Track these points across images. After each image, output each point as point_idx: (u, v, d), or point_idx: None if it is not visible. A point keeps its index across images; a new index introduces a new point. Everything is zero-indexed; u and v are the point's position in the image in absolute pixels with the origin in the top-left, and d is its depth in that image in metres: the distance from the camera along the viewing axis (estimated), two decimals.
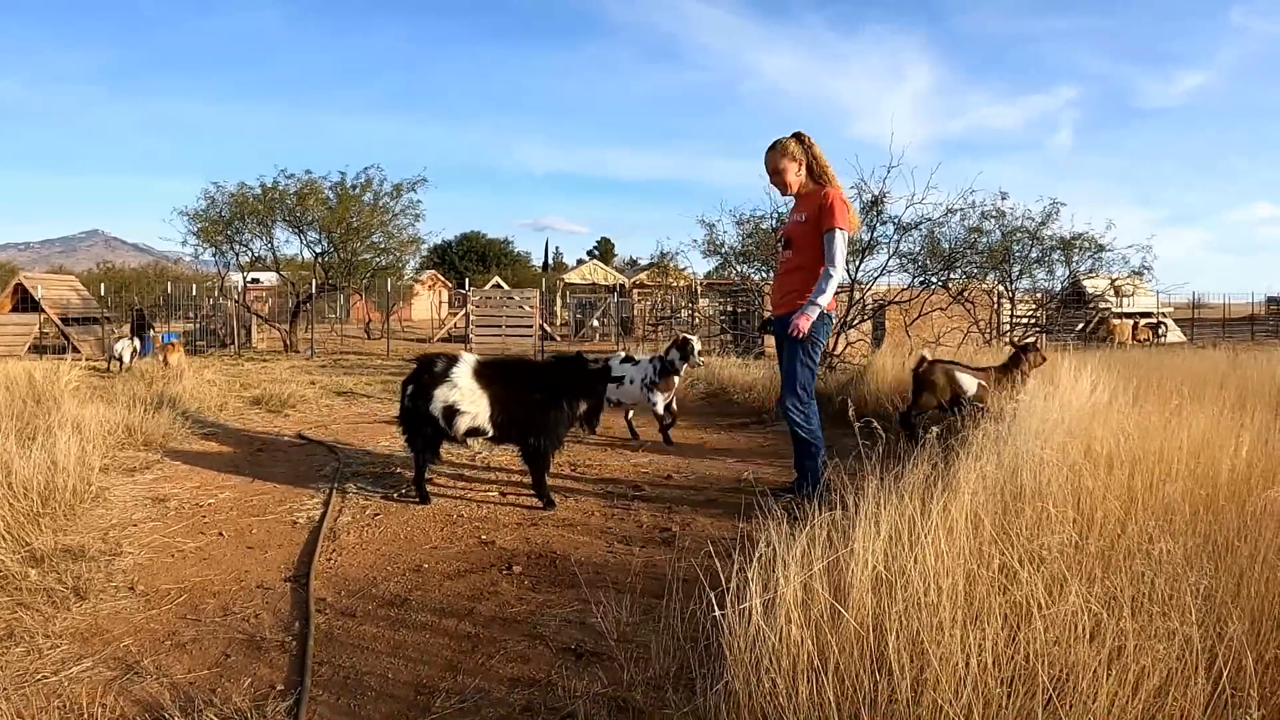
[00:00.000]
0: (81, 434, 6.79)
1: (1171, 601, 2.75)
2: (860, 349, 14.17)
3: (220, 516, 5.73)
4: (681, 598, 3.59)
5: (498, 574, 4.59)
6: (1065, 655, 2.56)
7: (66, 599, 4.15)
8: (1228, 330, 36.85)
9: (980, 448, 4.59)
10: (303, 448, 8.39)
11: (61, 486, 5.68)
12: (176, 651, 3.62)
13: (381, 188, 25.37)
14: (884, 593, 2.90)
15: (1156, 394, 6.35)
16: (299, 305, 26.13)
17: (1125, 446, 4.61)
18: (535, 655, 3.59)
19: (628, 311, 33.85)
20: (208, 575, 4.58)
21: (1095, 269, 21.90)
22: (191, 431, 8.89)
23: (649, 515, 5.75)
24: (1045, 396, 6.00)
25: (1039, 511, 3.67)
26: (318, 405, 11.53)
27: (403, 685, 3.32)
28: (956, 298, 15.30)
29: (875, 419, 4.94)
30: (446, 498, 6.20)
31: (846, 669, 2.64)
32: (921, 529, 3.15)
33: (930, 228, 15.46)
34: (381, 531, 5.36)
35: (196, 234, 25.18)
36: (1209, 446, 4.59)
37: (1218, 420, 5.16)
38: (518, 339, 23.90)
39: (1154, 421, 5.13)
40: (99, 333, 24.06)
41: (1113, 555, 3.23)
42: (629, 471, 7.24)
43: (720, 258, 19.54)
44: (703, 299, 29.68)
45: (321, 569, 4.65)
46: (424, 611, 4.05)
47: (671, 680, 3.25)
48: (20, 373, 10.40)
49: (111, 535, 5.25)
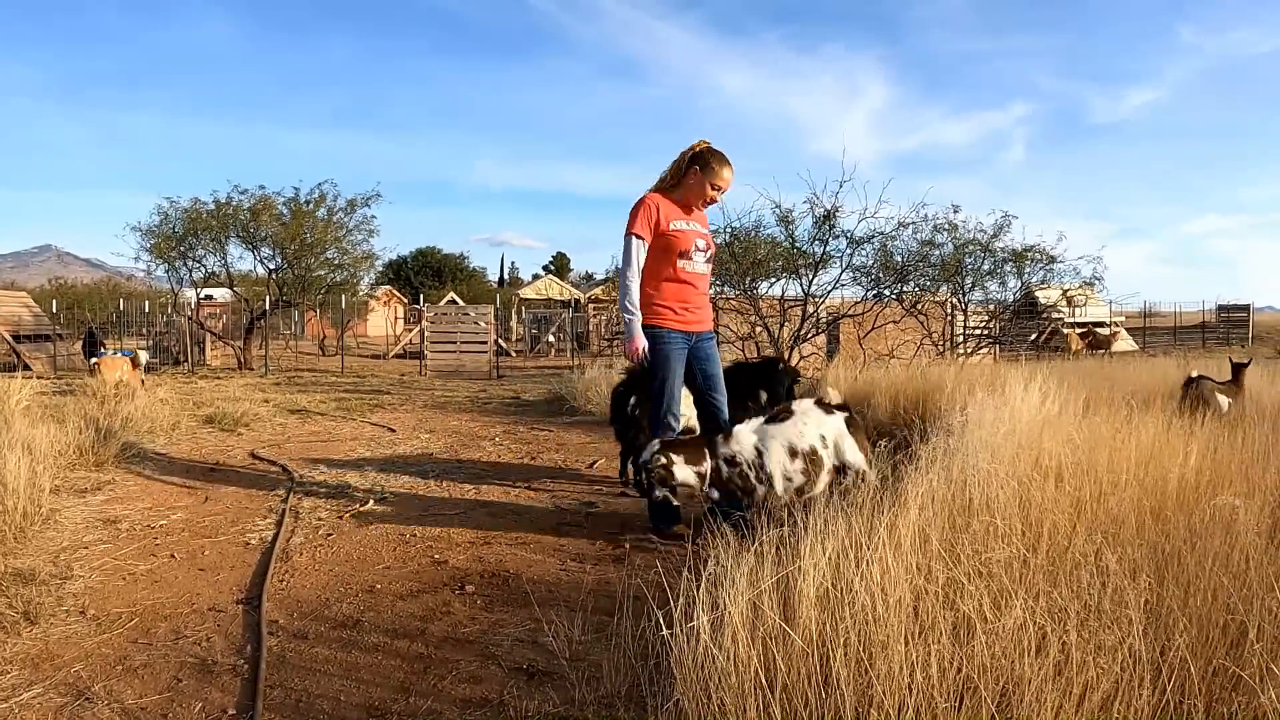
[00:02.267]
0: (32, 454, 6.72)
1: (1117, 613, 2.79)
2: (813, 362, 14.24)
3: (172, 538, 5.70)
4: (632, 617, 3.63)
5: (450, 594, 4.59)
6: (1011, 669, 2.59)
7: (16, 624, 4.11)
8: (1179, 338, 37.41)
9: (929, 462, 4.63)
10: (256, 467, 8.34)
11: (11, 508, 5.63)
12: (128, 676, 3.60)
13: (336, 203, 25.22)
14: (832, 609, 2.93)
15: (1107, 404, 6.44)
16: (253, 322, 25.92)
17: (1074, 458, 4.68)
18: (487, 675, 3.60)
19: (582, 326, 33.86)
20: (159, 598, 4.56)
21: (1047, 280, 22.12)
22: (144, 451, 8.82)
23: (602, 532, 5.77)
24: (995, 408, 6.04)
25: (986, 525, 3.70)
26: (271, 424, 11.46)
27: (355, 708, 3.32)
28: (910, 310, 15.42)
29: None
30: (398, 518, 6.18)
31: (794, 687, 2.67)
32: (868, 545, 3.19)
33: (883, 241, 15.58)
34: (334, 552, 5.36)
35: (149, 250, 24.95)
36: (1158, 456, 4.66)
37: (1167, 430, 5.24)
38: (473, 355, 23.84)
39: (1104, 432, 5.20)
40: (51, 350, 23.80)
41: (1060, 568, 3.27)
42: (582, 488, 7.27)
43: None
44: None
45: (274, 591, 4.64)
46: (376, 633, 4.06)
47: (623, 699, 3.27)
48: None
49: (62, 558, 5.21)
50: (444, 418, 12.01)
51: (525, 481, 7.49)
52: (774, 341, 13.45)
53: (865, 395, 9.51)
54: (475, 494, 6.90)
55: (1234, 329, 41.52)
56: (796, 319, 13.86)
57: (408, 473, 7.63)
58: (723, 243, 14.73)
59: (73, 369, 22.15)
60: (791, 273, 14.78)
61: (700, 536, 4.07)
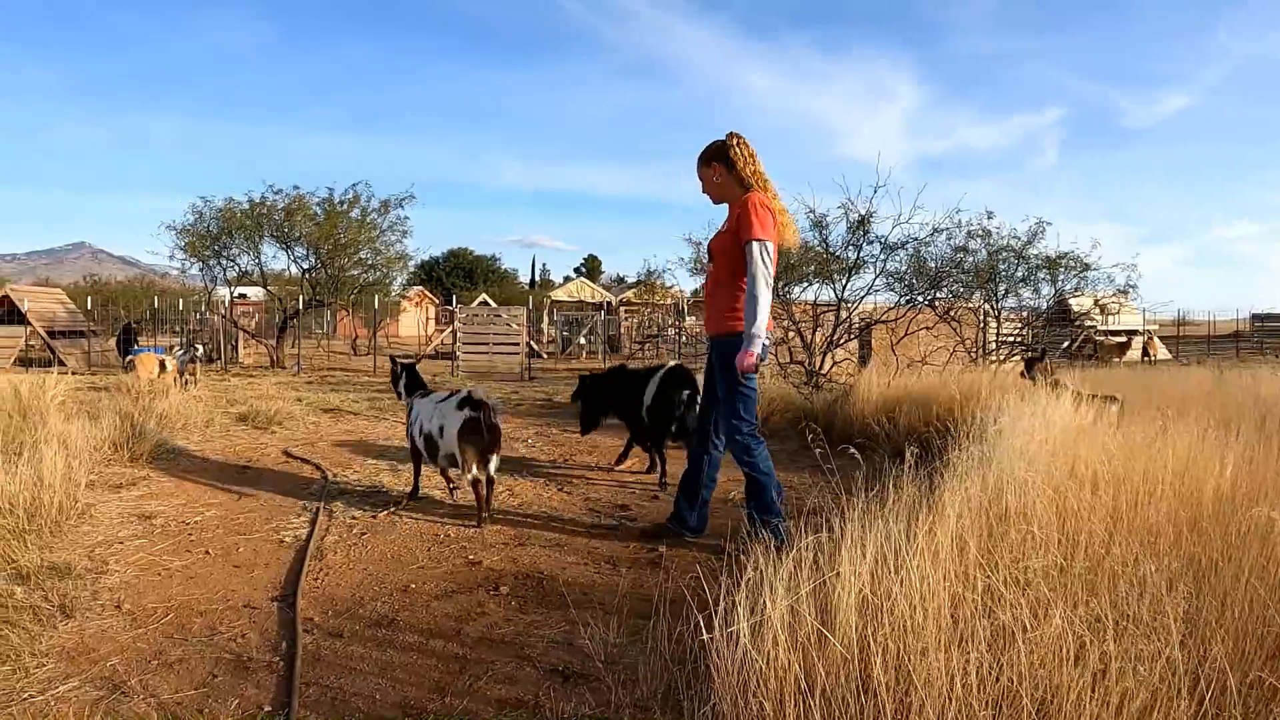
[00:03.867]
0: (68, 450, 6.77)
1: (1155, 623, 2.75)
2: (846, 368, 14.16)
3: (207, 534, 5.73)
4: (669, 619, 3.61)
5: (485, 594, 4.59)
6: (1050, 678, 2.57)
7: (53, 617, 4.14)
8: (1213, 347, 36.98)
9: (965, 469, 4.59)
10: (289, 465, 8.37)
11: (47, 503, 5.66)
12: (163, 671, 3.61)
13: (369, 204, 25.32)
14: (870, 616, 2.91)
15: (1141, 413, 6.37)
16: (286, 321, 26.05)
17: (1110, 467, 4.62)
18: (523, 676, 3.59)
19: (614, 329, 33.86)
20: (194, 594, 4.57)
21: (1081, 288, 21.97)
22: (178, 448, 8.86)
23: (635, 535, 5.74)
24: (1029, 415, 5.98)
25: (1024, 533, 3.67)
26: (304, 422, 11.50)
27: (390, 706, 3.32)
28: (943, 317, 15.31)
29: (863, 439, 4.97)
30: (433, 517, 6.19)
31: (833, 692, 2.65)
32: (907, 552, 3.16)
33: (916, 247, 15.50)
34: (368, 551, 5.36)
35: (184, 248, 25.11)
36: (1193, 466, 4.59)
37: (1202, 439, 5.17)
38: (505, 356, 23.87)
39: (1138, 441, 5.14)
40: (85, 346, 23.98)
41: (1097, 577, 3.23)
42: (615, 491, 7.25)
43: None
44: (689, 316, 29.73)
45: (308, 588, 4.65)
46: (411, 632, 4.06)
47: (659, 702, 3.26)
48: (6, 387, 10.36)
49: (98, 553, 5.24)
50: None
51: (558, 483, 7.47)
52: (806, 347, 13.38)
53: (898, 401, 9.44)
54: (508, 495, 6.89)
55: (1268, 338, 40.93)
56: (829, 324, 13.77)
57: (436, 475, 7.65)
58: None
59: (106, 365, 22.32)
60: (825, 278, 14.71)
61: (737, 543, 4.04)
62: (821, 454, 4.92)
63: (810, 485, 6.93)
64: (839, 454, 4.83)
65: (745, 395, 5.28)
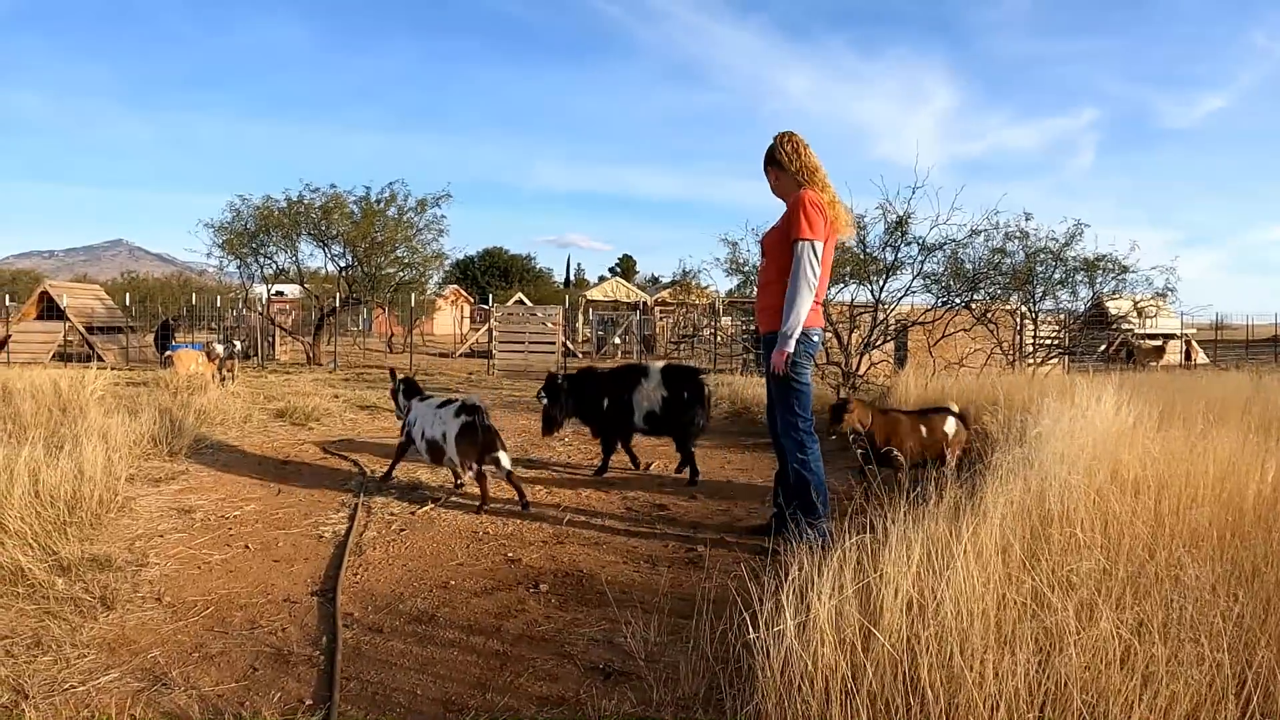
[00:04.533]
0: (108, 443, 6.81)
1: (1200, 627, 2.76)
2: (883, 370, 14.10)
3: (246, 529, 5.75)
4: (711, 619, 3.58)
5: (525, 592, 4.58)
6: (1097, 681, 2.56)
7: (94, 608, 4.16)
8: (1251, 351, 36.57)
9: (1007, 472, 4.55)
10: (327, 461, 8.40)
11: (88, 496, 5.70)
12: (204, 664, 3.62)
13: (406, 203, 25.39)
14: (915, 616, 2.91)
15: (1181, 417, 6.29)
16: (323, 318, 26.17)
17: (1152, 470, 4.58)
18: (564, 674, 3.58)
19: (650, 329, 33.84)
20: (234, 588, 4.58)
21: (1119, 290, 21.76)
22: (216, 443, 8.91)
23: (674, 535, 5.72)
24: (1069, 419, 5.93)
25: (1066, 536, 3.67)
26: (341, 419, 11.52)
27: (431, 702, 3.31)
28: (980, 319, 15.23)
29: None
30: (471, 514, 6.20)
31: (879, 692, 2.65)
32: (953, 553, 3.13)
33: (954, 248, 15.41)
34: (407, 547, 5.36)
35: (221, 246, 25.28)
36: (1234, 471, 4.56)
37: (1243, 444, 5.11)
38: (540, 355, 23.89)
39: (1178, 446, 5.09)
40: (123, 342, 24.18)
41: (1140, 581, 3.22)
42: (653, 490, 7.22)
43: (743, 276, 19.51)
44: (725, 317, 29.65)
45: (348, 584, 4.66)
46: (451, 628, 4.05)
47: (701, 701, 3.24)
48: (46, 381, 10.45)
49: (138, 546, 5.26)
50: (513, 417, 11.99)
51: (595, 482, 7.46)
52: (843, 348, 13.32)
53: (936, 404, 9.36)
54: (546, 493, 6.88)
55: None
56: (865, 325, 13.71)
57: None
58: None
59: (144, 361, 22.51)
60: (861, 279, 14.64)
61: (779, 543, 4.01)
62: (863, 454, 4.88)
63: (849, 486, 6.89)
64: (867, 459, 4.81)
65: (799, 391, 5.26)
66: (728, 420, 12.04)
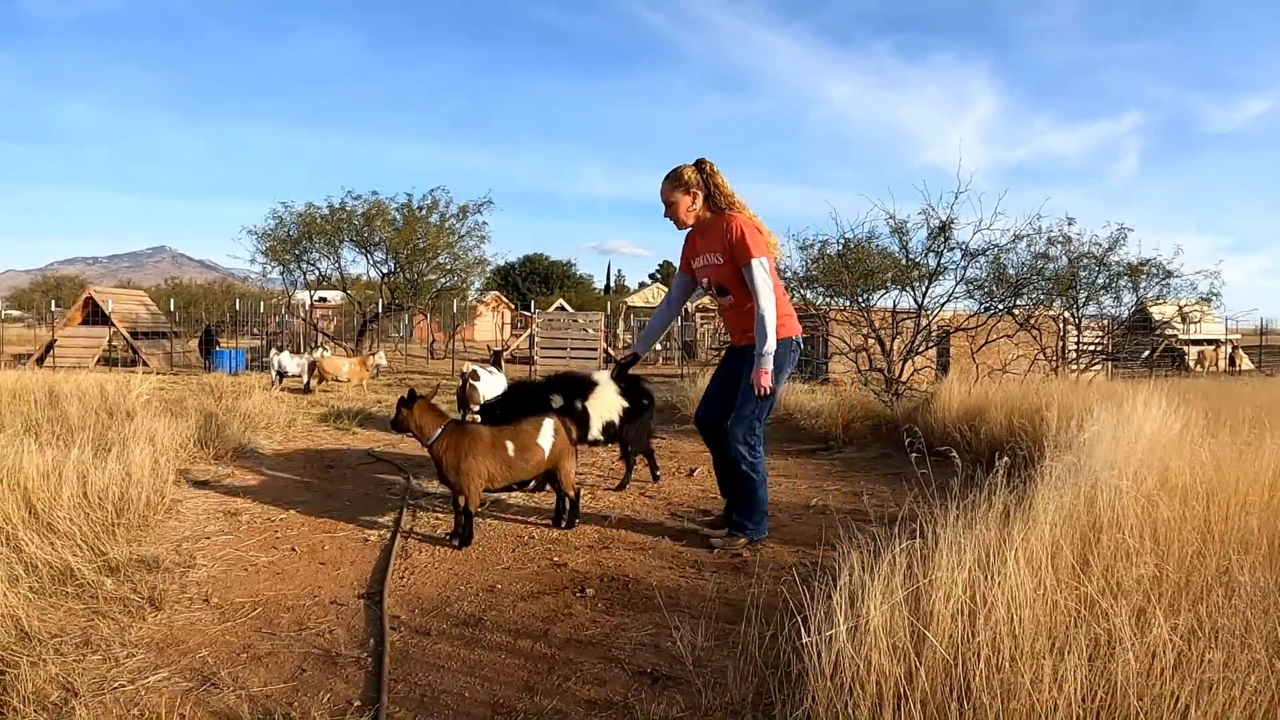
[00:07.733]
0: (154, 446, 6.87)
1: (1253, 633, 2.73)
2: (925, 376, 14.00)
3: (292, 532, 5.77)
4: (760, 623, 3.55)
5: (571, 596, 4.56)
6: (1152, 687, 2.55)
7: (142, 609, 4.18)
8: None
9: (1056, 478, 4.50)
10: (372, 465, 8.43)
11: (135, 498, 5.75)
12: (253, 664, 3.63)
13: (448, 209, 25.58)
14: (966, 621, 2.89)
15: (1228, 423, 6.20)
16: (365, 324, 26.34)
17: (1202, 476, 4.52)
18: (611, 678, 3.56)
19: (691, 335, 33.78)
20: (281, 590, 4.60)
21: (1163, 295, 21.51)
22: (262, 447, 8.96)
23: (719, 540, 5.67)
24: (1115, 425, 5.87)
25: (1117, 542, 3.63)
26: (385, 424, 11.55)
27: (480, 705, 3.29)
28: (1023, 325, 15.08)
29: (944, 447, 4.90)
30: (516, 519, 6.18)
31: (932, 696, 2.64)
32: (1005, 558, 3.11)
33: (997, 254, 15.27)
34: (453, 551, 5.35)
35: (264, 252, 25.50)
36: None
37: None
38: (582, 360, 23.92)
39: (1227, 453, 5.02)
40: (167, 347, 24.43)
41: (1190, 587, 3.20)
42: (695, 495, 7.19)
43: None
44: None
45: (394, 587, 4.66)
46: (498, 631, 4.04)
47: (749, 706, 3.21)
48: (93, 385, 10.56)
49: (185, 547, 5.29)
50: None
51: (639, 487, 7.42)
52: (886, 354, 13.23)
53: (980, 410, 9.28)
54: (590, 498, 6.86)
55: None
56: (908, 331, 13.62)
57: None
58: (835, 253, 14.53)
59: (188, 365, 22.72)
60: (904, 285, 14.54)
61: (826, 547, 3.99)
62: (917, 458, 4.84)
63: (893, 492, 6.83)
64: (921, 462, 4.76)
65: (768, 400, 5.45)
66: (768, 426, 11.96)
